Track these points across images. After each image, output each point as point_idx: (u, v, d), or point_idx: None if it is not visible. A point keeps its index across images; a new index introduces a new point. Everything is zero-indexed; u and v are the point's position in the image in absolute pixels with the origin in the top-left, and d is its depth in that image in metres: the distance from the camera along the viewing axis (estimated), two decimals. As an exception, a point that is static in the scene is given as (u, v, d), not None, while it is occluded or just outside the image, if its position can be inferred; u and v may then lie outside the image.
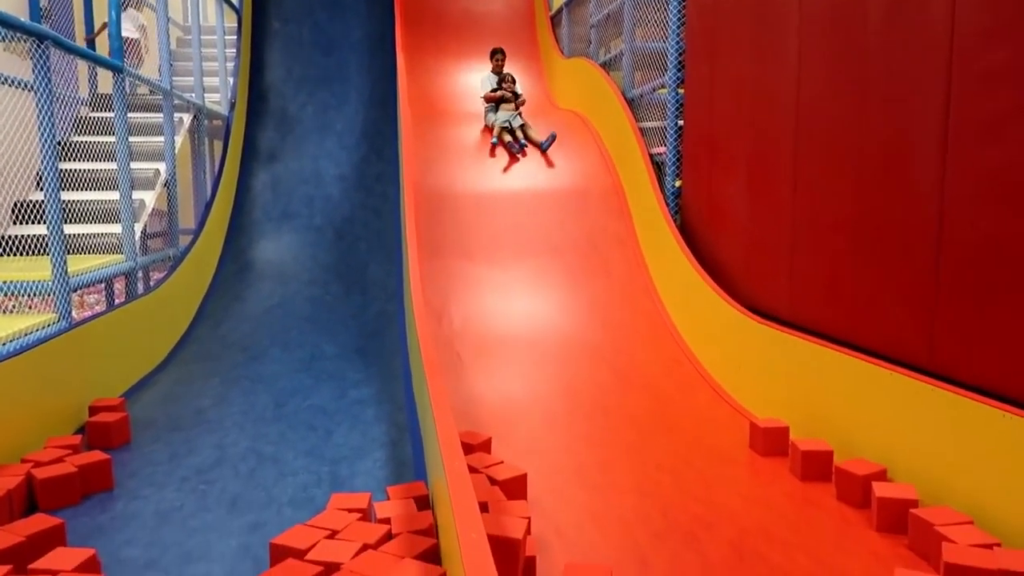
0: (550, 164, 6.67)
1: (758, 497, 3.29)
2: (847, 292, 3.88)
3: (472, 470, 3.14)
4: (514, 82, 7.25)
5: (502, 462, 3.29)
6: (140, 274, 7.72)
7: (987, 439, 2.82)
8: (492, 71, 7.52)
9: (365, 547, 2.54)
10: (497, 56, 7.56)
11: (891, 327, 3.57)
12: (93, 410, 4.05)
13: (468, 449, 3.44)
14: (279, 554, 2.54)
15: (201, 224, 6.91)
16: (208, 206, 7.13)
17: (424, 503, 2.97)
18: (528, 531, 2.63)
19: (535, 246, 5.86)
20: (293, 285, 6.81)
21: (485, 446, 3.55)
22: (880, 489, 3.02)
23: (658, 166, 6.09)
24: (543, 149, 6.59)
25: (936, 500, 2.98)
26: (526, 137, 6.79)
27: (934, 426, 3.07)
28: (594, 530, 2.99)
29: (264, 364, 5.41)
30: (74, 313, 4.36)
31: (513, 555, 2.39)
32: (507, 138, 6.77)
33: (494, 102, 7.11)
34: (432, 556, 2.52)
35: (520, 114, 7.02)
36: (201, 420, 4.31)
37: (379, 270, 6.97)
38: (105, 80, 7.39)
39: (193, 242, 6.56)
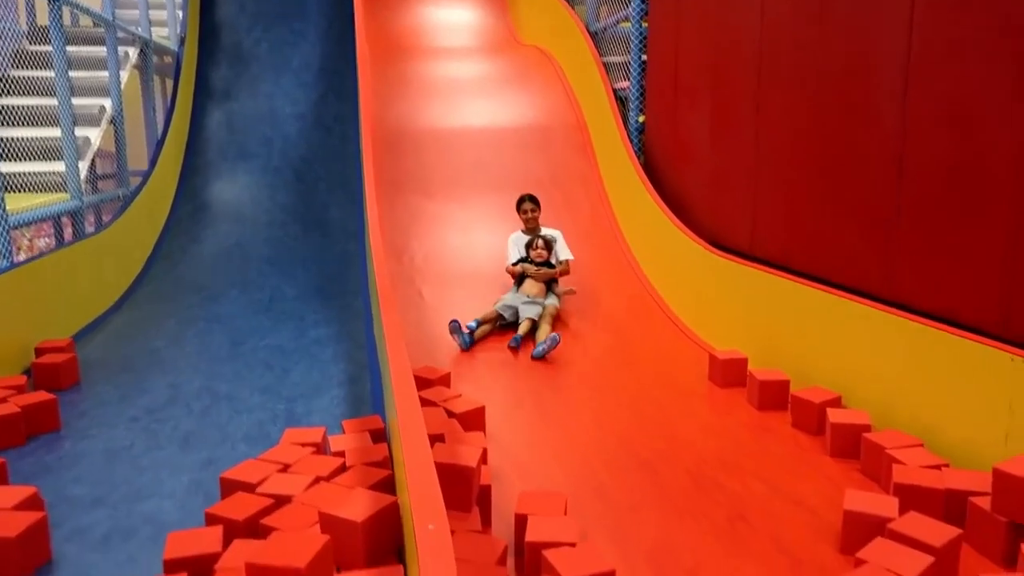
0: (512, 101, 6.53)
1: (715, 427, 3.31)
2: (809, 224, 3.86)
3: (429, 403, 3.11)
4: (549, 247, 4.75)
5: (460, 395, 3.26)
6: (92, 217, 7.49)
7: (940, 363, 2.84)
8: (524, 230, 4.95)
9: (318, 479, 2.50)
10: (525, 206, 4.92)
11: (851, 258, 3.57)
12: (40, 351, 3.93)
13: (426, 384, 3.40)
14: (230, 488, 2.49)
15: (152, 163, 6.67)
16: (159, 144, 6.88)
17: (380, 437, 2.93)
18: (483, 460, 2.60)
19: (497, 183, 5.76)
20: (251, 226, 6.65)
21: (444, 380, 3.51)
22: (834, 415, 3.04)
23: (622, 101, 5.99)
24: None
25: (889, 425, 3.02)
26: (532, 333, 4.35)
27: (890, 352, 3.09)
28: (552, 461, 2.99)
29: (221, 305, 5.30)
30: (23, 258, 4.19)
31: (466, 482, 2.36)
32: (473, 326, 4.30)
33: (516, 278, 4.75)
34: (387, 487, 2.48)
35: (546, 303, 4.53)
36: (154, 360, 4.21)
37: (340, 211, 6.82)
38: (44, 11, 7.02)
39: (145, 181, 6.34)
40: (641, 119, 5.76)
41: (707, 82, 4.79)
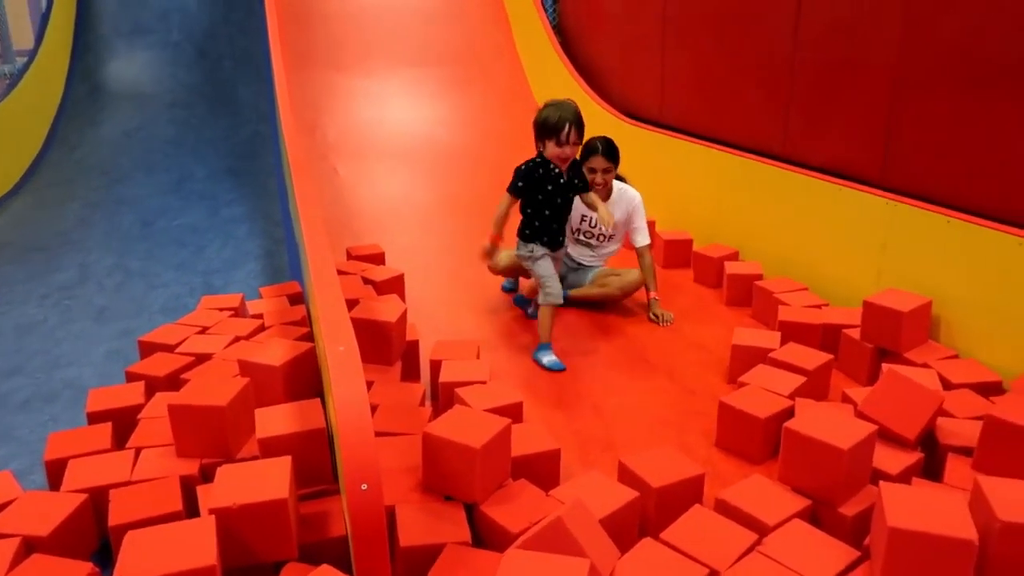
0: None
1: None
2: (713, 90, 3.97)
3: (345, 273, 3.13)
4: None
5: (381, 266, 3.30)
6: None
7: (825, 211, 3.05)
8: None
9: (237, 339, 2.56)
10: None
11: (752, 120, 3.71)
12: (-66, 234, 3.78)
13: (360, 258, 3.39)
14: (149, 350, 2.53)
15: (39, 40, 6.21)
16: (44, 19, 6.39)
17: (298, 300, 2.99)
18: (403, 320, 2.67)
19: (412, 56, 5.62)
20: (153, 107, 6.33)
21: (378, 259, 3.44)
22: (730, 267, 3.26)
23: (536, -30, 5.84)
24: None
25: (780, 273, 3.24)
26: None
27: (783, 206, 3.29)
28: (468, 316, 3.12)
29: (127, 187, 5.12)
30: None
31: (385, 337, 2.45)
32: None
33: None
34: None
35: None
36: (62, 241, 4.10)
37: (248, 91, 6.54)
38: None
39: (31, 59, 5.93)
40: (555, -12, 5.67)
41: (620, -53, 4.73)
